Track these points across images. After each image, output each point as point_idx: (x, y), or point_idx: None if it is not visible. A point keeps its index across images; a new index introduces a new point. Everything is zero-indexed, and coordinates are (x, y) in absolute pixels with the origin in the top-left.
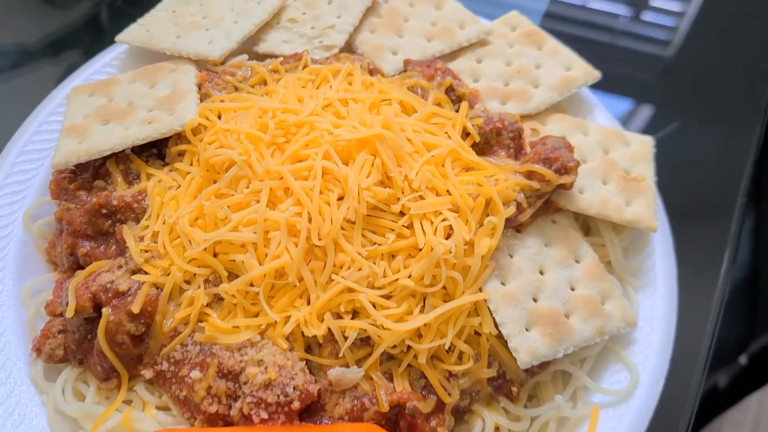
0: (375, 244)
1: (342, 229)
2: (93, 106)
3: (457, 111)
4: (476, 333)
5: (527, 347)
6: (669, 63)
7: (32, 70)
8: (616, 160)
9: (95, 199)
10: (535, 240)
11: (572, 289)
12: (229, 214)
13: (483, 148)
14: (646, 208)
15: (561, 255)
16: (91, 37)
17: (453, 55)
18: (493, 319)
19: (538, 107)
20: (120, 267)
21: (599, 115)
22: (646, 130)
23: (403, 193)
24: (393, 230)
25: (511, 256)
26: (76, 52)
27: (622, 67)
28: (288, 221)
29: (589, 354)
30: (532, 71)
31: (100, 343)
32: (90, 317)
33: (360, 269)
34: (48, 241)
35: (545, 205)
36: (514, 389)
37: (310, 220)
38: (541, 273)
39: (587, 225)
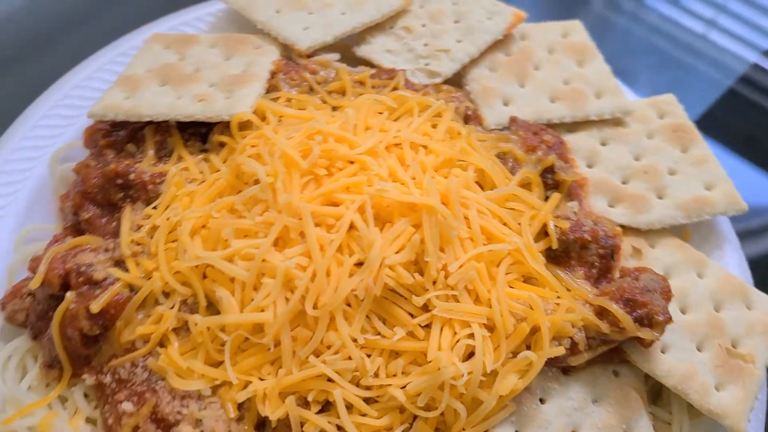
0: (378, 334)
1: (346, 303)
2: (160, 60)
3: (546, 200)
4: None
5: None
6: None
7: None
8: (727, 323)
9: (113, 165)
10: (581, 390)
11: None
12: (232, 238)
13: (559, 256)
14: (740, 402)
15: (608, 421)
16: None
17: (575, 125)
18: None
19: (651, 224)
20: (107, 251)
21: (729, 256)
22: None
23: (434, 285)
24: (405, 326)
25: (543, 402)
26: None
27: None
28: (287, 272)
29: None
30: (663, 176)
31: (53, 328)
32: (56, 294)
33: (349, 358)
34: (67, 189)
35: (610, 351)
36: None
37: (313, 278)
38: None
39: (657, 389)
